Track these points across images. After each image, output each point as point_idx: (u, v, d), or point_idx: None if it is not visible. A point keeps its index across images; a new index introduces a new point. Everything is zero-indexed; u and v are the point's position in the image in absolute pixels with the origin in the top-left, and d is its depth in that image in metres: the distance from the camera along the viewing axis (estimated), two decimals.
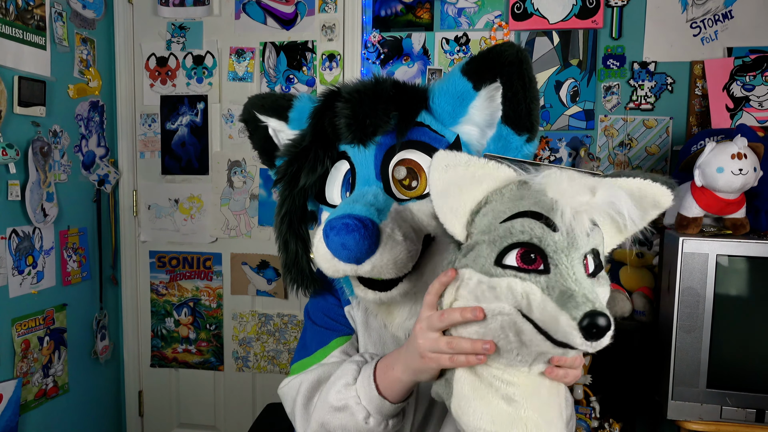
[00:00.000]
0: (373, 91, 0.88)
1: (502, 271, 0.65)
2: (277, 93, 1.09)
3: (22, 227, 1.87)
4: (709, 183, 1.63)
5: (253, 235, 2.34)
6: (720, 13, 2.01)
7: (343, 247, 0.79)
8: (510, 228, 0.65)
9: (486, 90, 0.86)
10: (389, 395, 0.81)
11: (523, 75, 0.83)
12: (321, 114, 0.92)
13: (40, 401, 1.98)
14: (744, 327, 1.62)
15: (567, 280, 0.61)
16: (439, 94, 0.91)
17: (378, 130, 0.87)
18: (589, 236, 0.64)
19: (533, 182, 0.67)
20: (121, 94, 2.36)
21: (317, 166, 0.92)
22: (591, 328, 0.58)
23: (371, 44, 2.22)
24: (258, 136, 1.09)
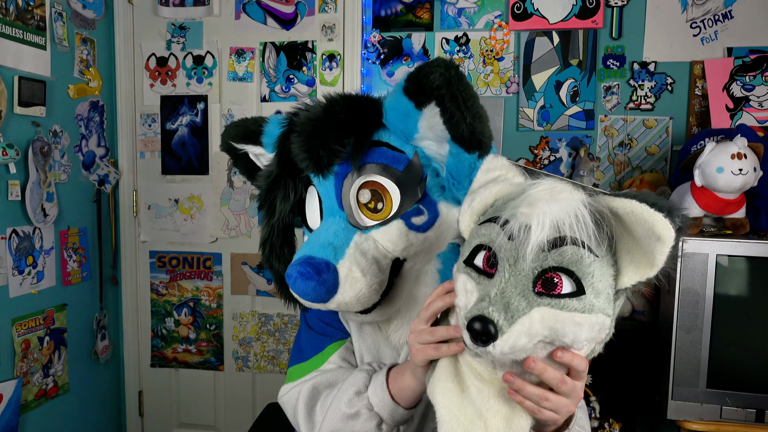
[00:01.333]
0: (324, 119, 0.85)
1: (465, 268, 0.68)
2: (248, 119, 1.06)
3: (22, 227, 1.87)
4: (709, 183, 1.63)
5: (253, 235, 2.34)
6: (720, 13, 2.01)
7: (303, 295, 0.83)
8: (480, 230, 0.67)
9: (428, 108, 0.81)
10: (401, 401, 0.83)
11: (456, 96, 0.77)
12: (284, 142, 0.91)
13: (40, 401, 1.98)
14: (744, 327, 1.62)
15: (494, 287, 0.63)
16: (389, 111, 0.87)
17: (333, 161, 0.85)
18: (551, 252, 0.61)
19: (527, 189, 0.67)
20: (121, 94, 2.36)
21: (290, 194, 0.93)
22: (472, 331, 0.61)
23: (371, 44, 2.22)
24: (241, 164, 1.10)
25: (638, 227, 0.60)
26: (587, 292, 0.61)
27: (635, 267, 0.63)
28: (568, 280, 0.61)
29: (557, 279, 0.62)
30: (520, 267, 0.62)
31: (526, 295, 0.62)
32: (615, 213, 0.62)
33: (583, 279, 0.61)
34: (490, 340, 0.60)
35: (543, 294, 0.62)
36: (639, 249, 0.62)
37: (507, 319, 0.60)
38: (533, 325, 0.61)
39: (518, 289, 0.62)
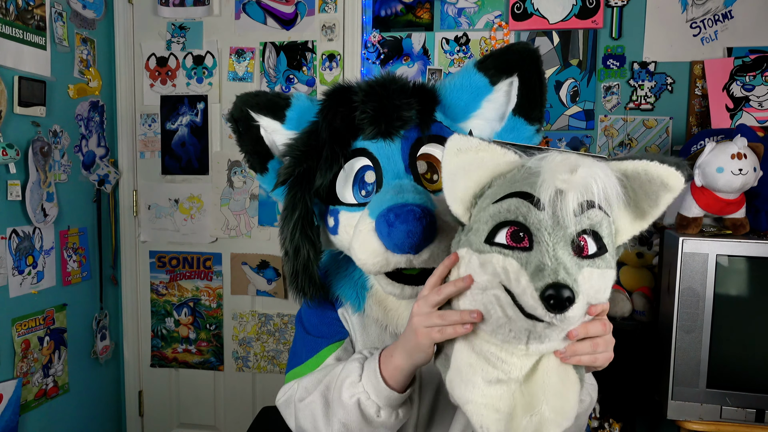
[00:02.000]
0: (396, 84, 0.89)
1: (490, 248, 0.67)
2: (270, 91, 1.05)
3: (22, 227, 1.87)
4: (709, 183, 1.63)
5: (253, 235, 2.34)
6: (720, 13, 2.01)
7: (409, 235, 0.78)
8: (499, 208, 0.67)
9: (502, 84, 0.92)
10: (394, 385, 0.82)
11: (540, 71, 0.92)
12: (333, 110, 0.91)
13: (40, 401, 1.98)
14: (744, 327, 1.62)
15: (544, 256, 0.63)
16: (452, 90, 0.94)
17: (405, 124, 0.88)
18: (581, 216, 0.64)
19: (530, 164, 0.68)
20: (121, 94, 2.36)
21: (333, 165, 0.91)
22: (550, 299, 0.60)
23: (371, 44, 2.22)
24: (249, 137, 1.03)
25: (650, 184, 0.68)
26: (608, 249, 0.67)
27: (630, 222, 0.71)
28: (592, 241, 0.66)
29: (584, 242, 0.66)
30: (560, 233, 0.64)
31: (572, 258, 0.64)
32: (626, 175, 0.67)
33: (604, 239, 0.67)
34: (569, 304, 0.61)
35: (578, 256, 0.65)
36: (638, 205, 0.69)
37: (575, 282, 0.62)
38: (585, 286, 0.64)
39: (566, 254, 0.64)
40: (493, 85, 0.93)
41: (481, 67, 0.93)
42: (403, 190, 0.84)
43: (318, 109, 0.95)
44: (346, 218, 0.92)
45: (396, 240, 0.79)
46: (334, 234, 0.95)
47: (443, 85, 0.96)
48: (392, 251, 0.81)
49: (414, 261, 0.82)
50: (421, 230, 0.79)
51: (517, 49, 0.92)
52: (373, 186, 0.91)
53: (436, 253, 0.82)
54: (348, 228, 0.91)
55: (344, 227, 0.92)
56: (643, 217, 0.71)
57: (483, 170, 0.72)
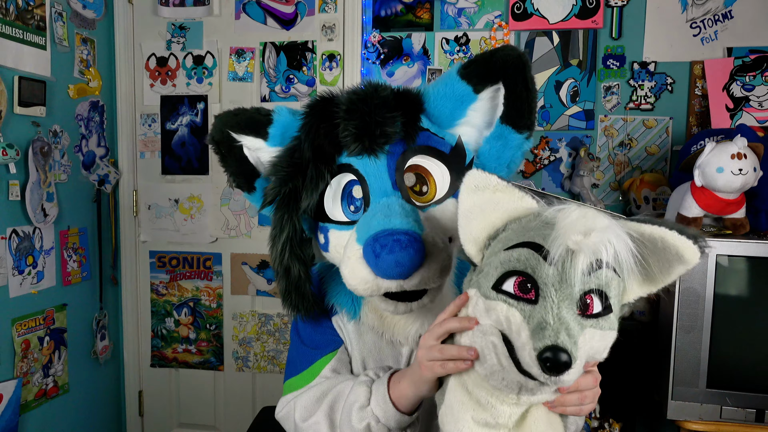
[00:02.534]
0: (377, 98, 0.85)
1: (497, 294, 0.67)
2: (246, 109, 1.01)
3: (22, 227, 1.87)
4: (709, 183, 1.63)
5: (253, 235, 2.34)
6: (720, 13, 2.01)
7: (396, 265, 0.78)
8: (510, 255, 0.67)
9: (486, 92, 0.88)
10: (403, 408, 0.83)
11: (526, 77, 0.86)
12: (316, 126, 0.88)
13: (40, 401, 1.98)
14: (744, 327, 1.62)
15: (548, 314, 0.62)
16: (436, 98, 0.90)
17: (389, 140, 0.85)
18: (590, 276, 0.63)
19: (547, 214, 0.68)
20: (121, 94, 2.36)
21: (319, 183, 0.88)
22: (547, 362, 0.60)
23: (371, 44, 2.22)
24: (233, 157, 1.00)
25: (665, 252, 0.66)
26: (613, 310, 0.66)
27: (639, 284, 0.69)
28: (598, 300, 0.65)
29: (590, 300, 0.65)
30: (566, 291, 0.63)
31: (576, 318, 0.63)
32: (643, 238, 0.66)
33: (611, 299, 0.65)
34: (565, 369, 0.60)
35: (582, 316, 0.64)
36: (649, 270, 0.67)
37: (573, 344, 0.61)
38: (586, 348, 0.63)
39: (570, 314, 0.63)
40: (477, 93, 0.89)
41: (464, 75, 0.89)
42: (390, 212, 0.83)
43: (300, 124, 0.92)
44: (335, 237, 0.90)
45: (384, 270, 0.79)
46: (324, 251, 0.94)
47: (427, 91, 0.93)
48: (382, 278, 0.80)
49: (404, 285, 0.81)
50: (409, 259, 0.78)
51: (501, 57, 0.86)
52: (361, 201, 0.89)
53: (426, 276, 0.81)
54: (338, 246, 0.90)
55: (334, 246, 0.91)
56: (653, 282, 0.70)
57: (499, 212, 0.71)
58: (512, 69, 0.86)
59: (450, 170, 0.89)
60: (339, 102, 0.87)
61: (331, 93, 0.92)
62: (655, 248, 0.66)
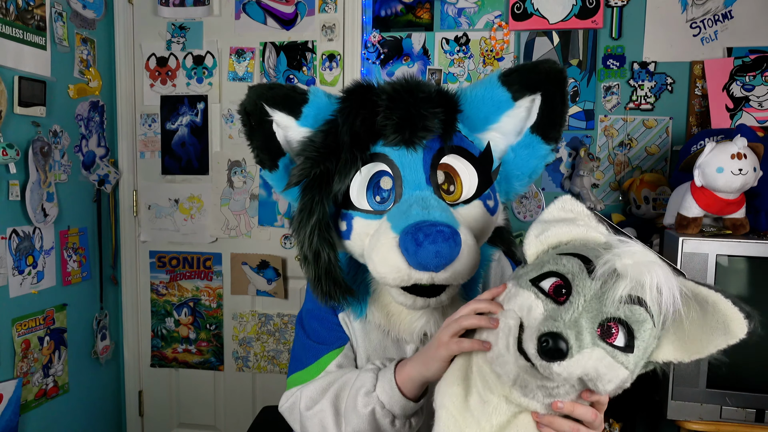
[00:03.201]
0: (422, 92, 0.86)
1: (530, 285, 0.69)
2: (285, 84, 0.98)
3: (23, 227, 1.87)
4: (708, 183, 1.63)
5: (253, 235, 2.34)
6: (720, 13, 2.01)
7: (436, 255, 0.78)
8: (559, 260, 0.69)
9: (524, 100, 0.91)
10: (408, 393, 0.84)
11: (564, 92, 0.91)
12: (355, 112, 0.88)
13: (40, 401, 1.98)
14: None
15: (566, 313, 0.64)
16: (473, 101, 0.92)
17: (429, 135, 0.86)
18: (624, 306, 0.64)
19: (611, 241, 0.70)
20: (121, 94, 2.36)
21: (351, 169, 0.88)
22: (544, 342, 0.62)
23: (371, 44, 2.22)
24: (262, 132, 0.96)
25: (713, 318, 0.66)
26: (635, 351, 0.66)
27: (674, 347, 0.69)
28: (623, 335, 0.65)
29: (615, 330, 0.65)
30: (594, 306, 0.64)
31: (592, 332, 0.64)
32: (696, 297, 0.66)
33: (637, 339, 0.65)
34: (558, 358, 0.62)
35: (601, 338, 0.65)
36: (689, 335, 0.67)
37: (577, 345, 0.62)
38: (590, 361, 0.64)
39: (588, 325, 0.64)
40: (516, 100, 0.91)
41: (506, 82, 0.91)
42: (428, 205, 0.83)
43: (336, 108, 0.91)
44: (360, 225, 0.90)
45: (423, 260, 0.78)
46: (345, 239, 0.93)
47: (464, 93, 0.94)
48: (415, 269, 0.80)
49: (435, 278, 0.82)
50: (449, 251, 0.79)
51: (545, 69, 0.90)
52: (389, 193, 0.89)
53: (458, 270, 0.82)
54: (362, 235, 0.89)
55: (358, 234, 0.90)
56: (687, 349, 0.69)
57: (573, 231, 0.74)
58: (554, 81, 0.90)
59: (478, 173, 0.91)
60: (380, 91, 0.88)
61: (370, 82, 0.92)
62: (703, 311, 0.66)
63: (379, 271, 0.84)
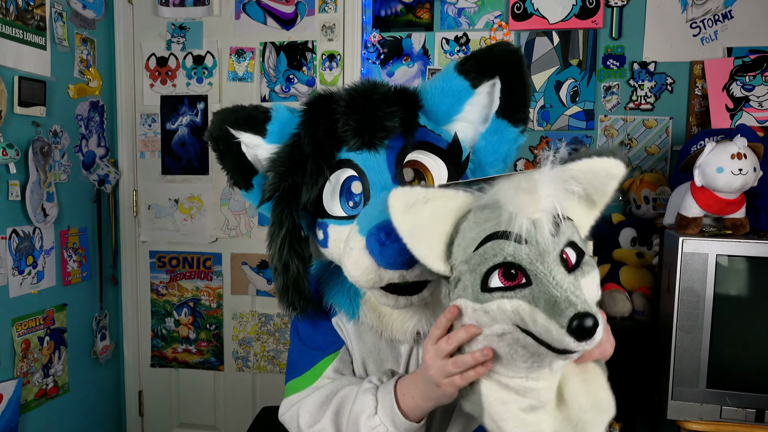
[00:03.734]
0: (376, 94, 0.86)
1: (490, 295, 0.67)
2: (247, 106, 1.01)
3: (23, 227, 1.87)
4: (708, 183, 1.63)
5: (253, 235, 2.34)
6: (720, 13, 2.01)
7: (401, 253, 0.77)
8: (483, 253, 0.67)
9: (483, 87, 0.91)
10: (414, 418, 0.84)
11: (522, 71, 0.89)
12: (315, 122, 0.89)
13: (40, 401, 1.98)
14: (744, 327, 1.62)
15: (548, 287, 0.63)
16: (434, 94, 0.92)
17: (389, 134, 0.86)
18: (558, 235, 0.66)
19: (489, 202, 0.69)
20: (121, 94, 2.36)
21: (318, 179, 0.89)
22: (578, 331, 0.61)
23: (371, 44, 2.22)
24: (231, 154, 0.99)
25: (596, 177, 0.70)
26: (584, 251, 0.69)
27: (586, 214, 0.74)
28: (572, 251, 0.68)
29: (565, 255, 0.67)
30: (548, 260, 0.65)
31: (569, 278, 0.65)
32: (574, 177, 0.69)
33: (578, 243, 0.69)
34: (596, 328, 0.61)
35: (570, 271, 0.66)
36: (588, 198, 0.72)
37: (587, 303, 0.63)
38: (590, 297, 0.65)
39: (566, 277, 0.65)
40: (474, 88, 0.91)
41: (462, 70, 0.91)
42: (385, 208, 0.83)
43: (299, 121, 0.92)
44: (335, 231, 0.90)
45: (388, 258, 0.78)
46: (324, 247, 0.93)
47: (424, 88, 0.94)
48: (385, 268, 0.80)
49: (407, 276, 0.81)
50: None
51: (498, 51, 0.90)
52: (360, 197, 0.90)
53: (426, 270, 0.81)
54: (338, 242, 0.90)
55: (334, 241, 0.91)
56: (594, 206, 0.75)
57: (443, 222, 0.72)
58: (509, 63, 0.89)
59: (447, 166, 0.90)
60: (338, 98, 0.88)
61: (329, 91, 0.92)
62: (587, 179, 0.70)
63: (352, 275, 0.84)
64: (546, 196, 0.64)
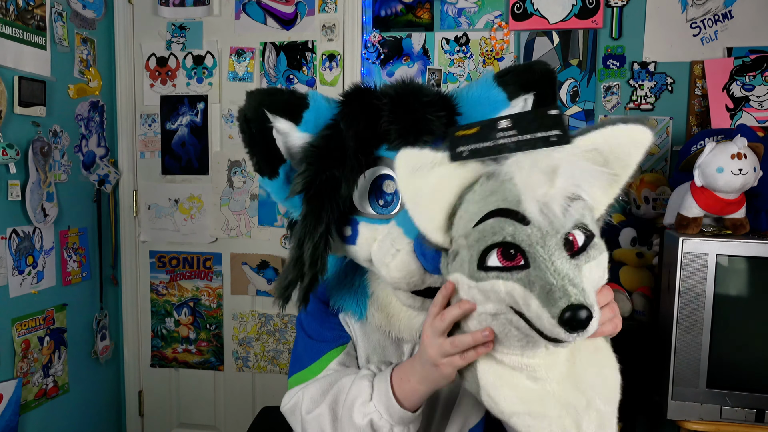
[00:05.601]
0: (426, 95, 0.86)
1: (486, 274, 0.65)
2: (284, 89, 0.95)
3: (22, 227, 1.87)
4: (709, 183, 1.63)
5: (253, 235, 2.34)
6: (720, 13, 2.01)
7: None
8: (483, 230, 0.65)
9: (518, 100, 0.93)
10: (409, 405, 0.83)
11: (556, 93, 0.94)
12: (356, 116, 0.87)
13: (40, 401, 1.98)
14: (744, 327, 1.62)
15: (545, 273, 0.60)
16: (471, 102, 0.92)
17: (433, 138, 0.84)
18: (566, 215, 0.62)
19: (500, 173, 0.66)
20: (121, 94, 2.36)
21: (357, 175, 0.86)
22: (570, 322, 0.58)
23: (371, 44, 2.22)
24: (262, 139, 0.93)
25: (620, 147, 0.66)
26: (595, 233, 0.65)
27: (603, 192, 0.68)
28: (580, 233, 0.64)
29: (572, 237, 0.63)
30: (551, 243, 0.62)
31: (570, 264, 0.62)
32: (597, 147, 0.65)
33: (589, 225, 0.64)
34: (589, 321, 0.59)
35: (574, 255, 0.63)
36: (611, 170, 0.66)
37: (583, 294, 0.60)
38: (590, 284, 0.63)
39: (567, 263, 0.61)
40: (510, 100, 0.92)
41: (501, 82, 0.92)
42: None
43: (336, 112, 0.90)
44: (367, 230, 0.88)
45: (437, 264, 0.78)
46: (351, 244, 0.91)
47: (461, 94, 0.93)
48: (431, 273, 0.81)
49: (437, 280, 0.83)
50: None
51: (539, 69, 0.94)
52: (392, 196, 0.88)
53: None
54: (369, 240, 0.88)
55: (365, 239, 0.89)
56: (614, 182, 0.68)
57: (447, 190, 0.69)
58: (547, 82, 0.93)
59: None
60: (381, 94, 0.87)
61: (368, 84, 0.91)
62: (610, 148, 0.66)
63: (394, 276, 0.84)
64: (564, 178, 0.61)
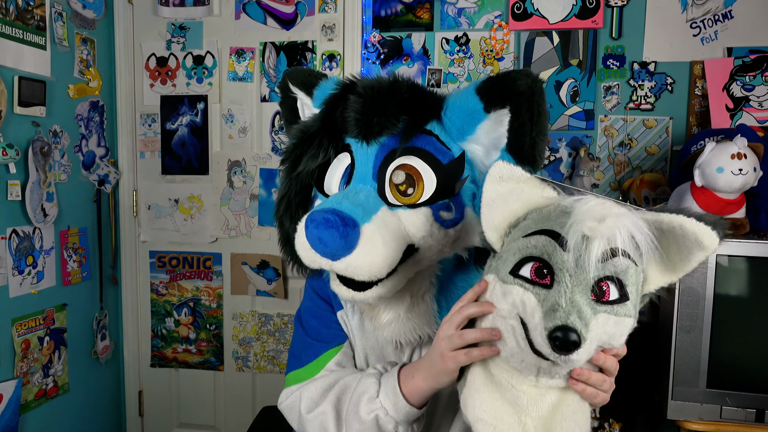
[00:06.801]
0: (388, 90, 0.87)
1: (513, 279, 0.69)
2: (311, 70, 1.08)
3: (22, 227, 1.87)
4: (709, 183, 1.63)
5: (253, 235, 2.34)
6: (720, 13, 2.01)
7: (319, 241, 0.80)
8: (528, 242, 0.69)
9: (495, 114, 0.85)
10: (414, 402, 0.84)
11: (533, 107, 0.81)
12: (334, 103, 0.92)
13: (40, 401, 1.98)
14: (744, 327, 1.62)
15: (561, 297, 0.65)
16: (451, 108, 0.90)
17: (384, 131, 0.86)
18: (605, 263, 0.65)
19: (565, 203, 0.70)
20: (121, 94, 2.36)
21: (319, 154, 0.92)
22: (556, 340, 0.63)
23: (371, 44, 2.22)
24: (286, 106, 1.09)
25: (684, 239, 0.67)
26: (630, 298, 0.68)
27: (661, 273, 0.72)
28: (615, 287, 0.67)
29: (606, 287, 0.67)
30: (581, 277, 0.65)
31: (589, 303, 0.65)
32: (661, 227, 0.67)
33: (628, 286, 0.67)
34: (574, 348, 0.63)
35: (597, 301, 0.66)
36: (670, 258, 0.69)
37: (584, 327, 0.63)
38: (598, 331, 0.65)
39: (583, 298, 0.65)
40: (487, 112, 0.85)
41: (479, 91, 0.85)
42: (347, 196, 0.85)
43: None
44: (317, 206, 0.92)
45: (309, 241, 0.81)
46: None
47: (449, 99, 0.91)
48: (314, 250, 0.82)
49: (333, 267, 0.82)
50: (331, 239, 0.79)
51: (512, 78, 0.82)
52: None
53: (354, 264, 0.81)
54: None
55: None
56: (673, 270, 0.71)
57: (520, 202, 0.74)
58: (519, 96, 0.81)
59: (439, 180, 0.87)
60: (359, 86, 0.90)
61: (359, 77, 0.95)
62: (674, 236, 0.68)
63: (297, 247, 0.87)
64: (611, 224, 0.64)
